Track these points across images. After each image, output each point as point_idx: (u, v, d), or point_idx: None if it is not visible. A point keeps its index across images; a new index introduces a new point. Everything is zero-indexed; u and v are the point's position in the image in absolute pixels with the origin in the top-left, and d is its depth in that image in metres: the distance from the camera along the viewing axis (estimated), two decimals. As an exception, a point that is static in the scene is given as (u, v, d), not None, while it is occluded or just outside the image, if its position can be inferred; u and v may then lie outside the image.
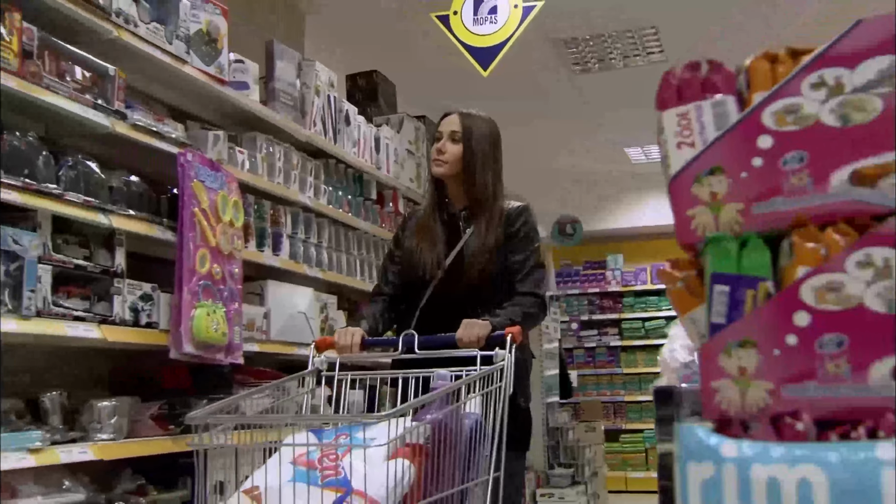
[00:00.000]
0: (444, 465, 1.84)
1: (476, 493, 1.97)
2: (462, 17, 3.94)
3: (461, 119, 2.75)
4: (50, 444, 2.34)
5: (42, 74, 2.39)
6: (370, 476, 1.71)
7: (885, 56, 0.89)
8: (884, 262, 0.84)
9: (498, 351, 2.11)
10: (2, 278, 2.28)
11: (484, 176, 2.70)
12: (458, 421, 1.92)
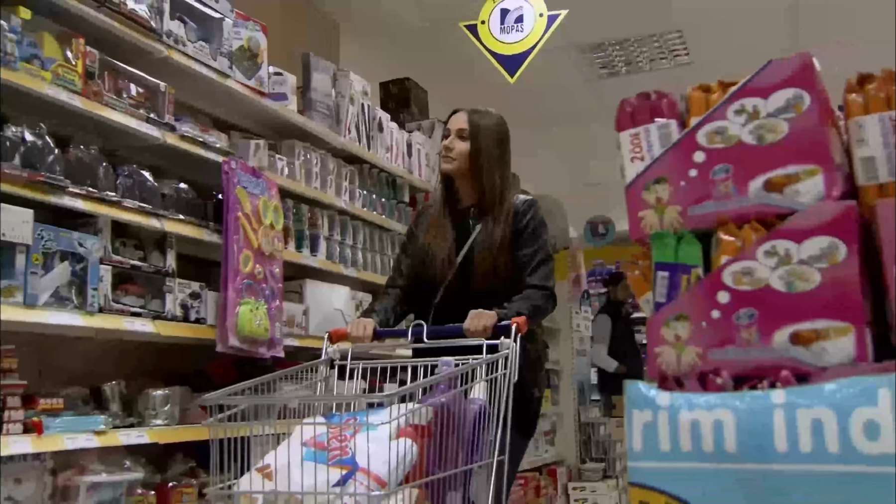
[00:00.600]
0: (447, 446, 1.96)
1: (480, 474, 2.08)
2: (490, 26, 4.21)
3: (469, 116, 2.82)
4: (112, 428, 2.64)
5: (102, 93, 2.70)
6: (375, 454, 1.82)
7: (789, 89, 1.14)
8: (785, 252, 1.08)
9: (503, 340, 2.20)
10: (70, 278, 2.58)
11: (492, 173, 2.77)
12: (462, 405, 2.04)
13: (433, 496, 1.94)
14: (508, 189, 2.82)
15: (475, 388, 2.12)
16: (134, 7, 2.82)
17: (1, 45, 2.32)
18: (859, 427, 0.96)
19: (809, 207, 1.09)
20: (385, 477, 1.82)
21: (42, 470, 2.52)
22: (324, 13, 4.85)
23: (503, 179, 2.80)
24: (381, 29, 5.12)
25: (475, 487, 2.05)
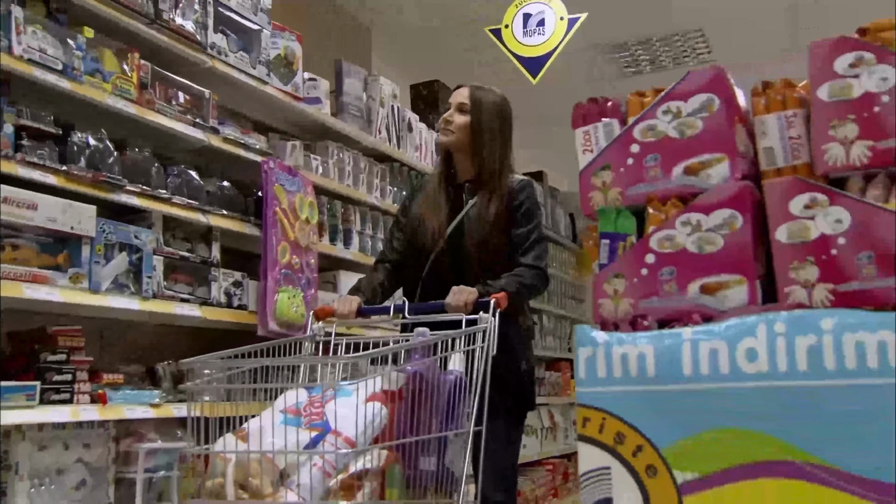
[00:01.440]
0: (420, 412, 2.05)
1: (456, 442, 2.15)
2: (513, 29, 4.57)
3: (471, 91, 2.89)
4: (165, 402, 3.04)
5: (154, 101, 3.12)
6: (347, 417, 1.92)
7: (704, 94, 1.47)
8: (697, 222, 1.41)
9: (482, 314, 2.26)
10: (127, 267, 2.99)
11: (491, 148, 2.82)
12: (437, 374, 2.12)
13: (406, 459, 2.04)
14: (507, 168, 2.86)
15: (453, 360, 2.19)
16: (182, 23, 3.23)
17: (69, 61, 2.73)
18: (743, 353, 1.29)
19: (715, 187, 1.43)
20: (354, 438, 1.92)
21: (107, 437, 2.92)
22: (355, 20, 5.26)
23: (502, 157, 2.84)
24: (411, 33, 5.51)
25: (451, 455, 2.14)
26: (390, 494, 1.96)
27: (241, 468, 1.98)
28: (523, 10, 4.54)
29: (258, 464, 1.95)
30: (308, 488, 1.87)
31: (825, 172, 1.37)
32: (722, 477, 1.29)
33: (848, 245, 1.31)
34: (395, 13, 5.27)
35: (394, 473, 1.98)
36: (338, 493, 1.90)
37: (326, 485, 1.91)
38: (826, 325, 1.26)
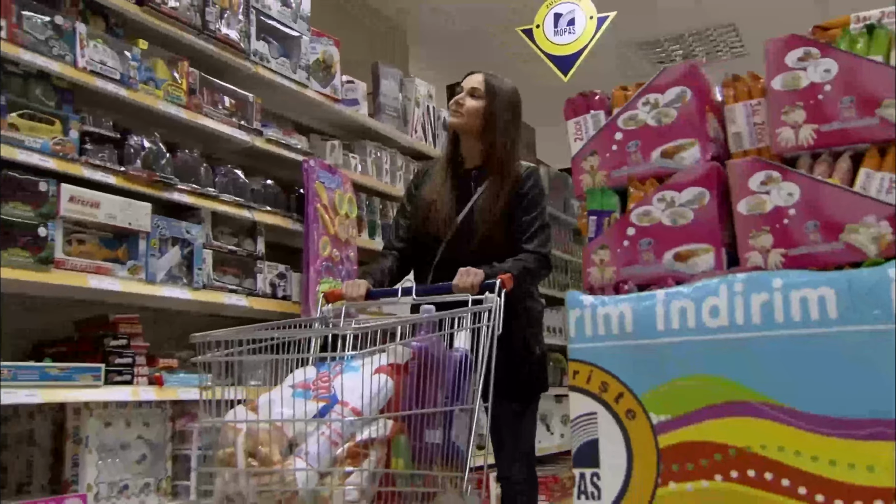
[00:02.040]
0: (426, 386, 2.11)
1: (461, 418, 2.22)
2: (544, 29, 4.82)
3: (485, 78, 2.99)
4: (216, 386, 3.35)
5: (202, 105, 3.44)
6: (354, 389, 2.00)
7: (678, 87, 1.70)
8: (671, 199, 1.65)
9: (487, 294, 2.32)
10: (180, 260, 3.30)
11: (502, 136, 2.90)
12: (442, 350, 2.20)
13: (411, 431, 2.11)
14: (515, 156, 2.94)
15: (459, 338, 2.27)
16: (227, 32, 3.55)
17: (126, 71, 3.06)
18: (707, 310, 1.52)
19: (687, 168, 1.67)
20: (361, 408, 2.00)
21: (164, 416, 3.24)
22: (392, 24, 5.57)
23: (511, 146, 2.93)
24: (447, 35, 5.80)
25: (456, 430, 2.21)
26: (396, 464, 2.06)
27: (251, 438, 2.05)
28: (554, 10, 4.79)
29: (267, 433, 2.02)
30: (315, 456, 1.95)
31: (779, 153, 1.60)
32: (690, 417, 1.53)
33: (797, 215, 1.54)
34: (431, 16, 5.56)
35: (400, 443, 2.07)
36: (344, 461, 1.97)
37: (333, 453, 1.99)
38: (776, 284, 1.49)
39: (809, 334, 1.45)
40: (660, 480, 1.54)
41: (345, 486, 1.97)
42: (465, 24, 5.75)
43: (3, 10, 2.66)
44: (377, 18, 5.47)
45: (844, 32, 1.61)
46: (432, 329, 2.18)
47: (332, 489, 1.98)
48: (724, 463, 1.49)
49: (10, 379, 2.68)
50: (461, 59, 6.01)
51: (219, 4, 3.52)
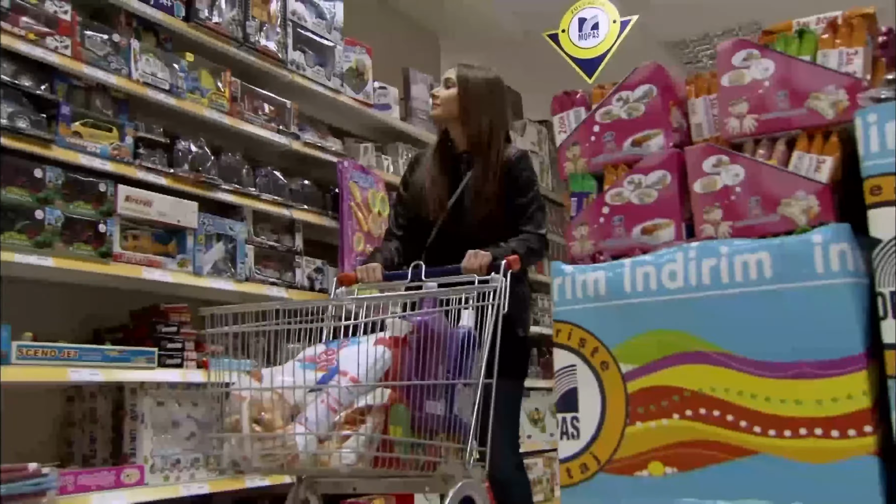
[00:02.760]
0: (427, 359, 2.21)
1: (464, 392, 2.33)
2: (569, 34, 5.15)
3: (458, 68, 3.21)
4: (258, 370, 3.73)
5: (244, 112, 3.84)
6: (352, 359, 2.12)
7: (646, 84, 2.03)
8: (638, 181, 1.96)
9: (493, 275, 2.41)
10: (224, 254, 3.69)
11: (479, 118, 3.08)
12: (444, 326, 2.31)
13: (412, 401, 2.22)
14: (499, 135, 3.10)
15: (464, 316, 2.38)
16: (266, 44, 3.95)
17: (174, 81, 3.47)
18: (666, 274, 1.84)
19: (652, 154, 1.99)
20: (359, 377, 2.12)
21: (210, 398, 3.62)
22: (424, 30, 5.95)
23: (493, 125, 3.09)
24: (477, 40, 6.17)
25: (459, 404, 2.32)
26: (394, 431, 2.16)
27: (256, 405, 2.19)
28: (578, 15, 5.12)
29: (270, 401, 2.16)
30: (315, 422, 2.08)
31: (727, 139, 1.92)
32: (653, 366, 1.85)
33: (742, 192, 1.85)
34: (463, 22, 5.93)
35: (398, 412, 2.18)
36: (342, 426, 2.09)
37: (332, 419, 2.10)
38: (723, 250, 1.81)
39: (749, 292, 1.76)
40: (628, 420, 1.87)
41: (342, 449, 2.07)
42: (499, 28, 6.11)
43: (68, 30, 3.08)
44: (409, 25, 5.87)
45: (781, 36, 1.92)
46: (434, 306, 2.34)
47: (331, 452, 2.08)
48: (680, 403, 1.81)
49: (75, 359, 3.08)
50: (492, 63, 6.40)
51: (258, 18, 3.92)
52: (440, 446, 2.32)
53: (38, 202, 2.99)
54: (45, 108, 3.06)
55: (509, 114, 3.33)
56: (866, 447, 1.62)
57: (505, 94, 3.24)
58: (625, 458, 1.85)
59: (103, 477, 3.17)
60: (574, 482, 1.90)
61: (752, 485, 1.72)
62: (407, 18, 5.90)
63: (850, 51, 1.81)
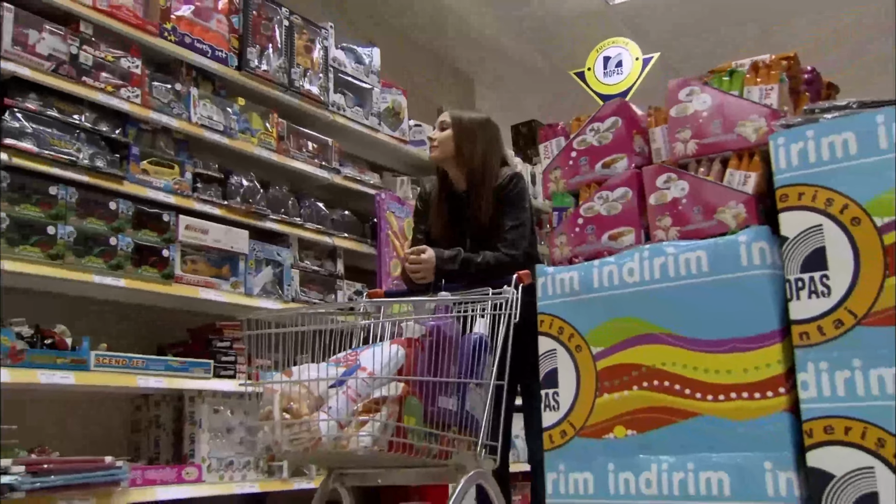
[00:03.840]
0: (439, 359, 2.54)
1: (477, 391, 2.67)
2: (595, 71, 5.68)
3: (450, 113, 3.59)
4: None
5: (289, 149, 4.44)
6: (370, 356, 2.48)
7: (613, 116, 2.54)
8: (606, 196, 2.47)
9: (506, 287, 2.72)
10: (272, 278, 4.27)
11: (473, 154, 3.46)
12: (456, 330, 2.65)
13: (425, 396, 2.54)
14: (492, 166, 3.47)
15: (479, 324, 2.73)
16: (309, 88, 4.56)
17: (227, 123, 4.09)
18: (626, 270, 2.34)
19: (618, 174, 2.49)
20: (374, 370, 2.47)
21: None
22: (458, 72, 6.56)
23: (486, 158, 3.46)
24: (509, 79, 6.76)
25: (471, 402, 2.66)
26: (408, 420, 2.48)
27: (285, 397, 2.56)
28: (603, 54, 5.65)
29: (298, 393, 2.53)
30: (336, 410, 2.45)
31: (675, 160, 2.42)
32: (617, 347, 2.34)
33: (687, 203, 2.35)
34: (495, 62, 6.53)
35: (411, 403, 2.50)
36: (360, 414, 2.43)
37: (352, 408, 2.45)
38: (670, 250, 2.30)
39: (691, 283, 2.25)
40: (598, 393, 2.36)
41: (359, 434, 2.42)
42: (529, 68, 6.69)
43: (138, 81, 3.72)
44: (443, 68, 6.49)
45: (716, 76, 2.42)
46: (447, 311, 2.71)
47: (349, 436, 2.43)
48: (639, 377, 2.30)
49: (143, 368, 3.68)
50: (526, 101, 6.96)
51: (302, 65, 4.54)
52: (452, 438, 2.66)
53: (112, 230, 3.62)
54: (118, 150, 3.70)
55: (501, 145, 3.70)
56: (780, 405, 2.10)
57: (495, 129, 3.65)
58: (595, 424, 2.35)
59: (167, 473, 3.75)
60: (555, 446, 2.39)
61: (694, 441, 2.20)
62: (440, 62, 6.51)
63: (768, 87, 2.31)
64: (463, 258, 3.33)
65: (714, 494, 2.14)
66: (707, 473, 2.16)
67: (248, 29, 4.30)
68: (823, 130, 2.10)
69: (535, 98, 6.96)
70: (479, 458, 2.72)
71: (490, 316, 2.78)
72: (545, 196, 2.66)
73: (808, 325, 2.06)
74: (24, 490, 3.12)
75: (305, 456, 2.71)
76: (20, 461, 3.17)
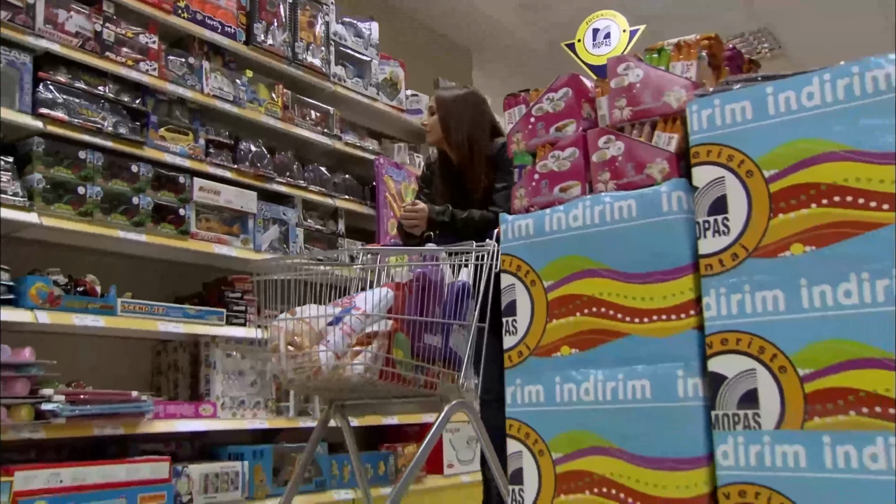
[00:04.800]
0: (424, 302, 3.07)
1: (460, 332, 3.20)
2: (584, 43, 6.25)
3: (436, 94, 4.12)
4: (307, 330, 4.91)
5: (294, 118, 5.04)
6: (363, 298, 2.99)
7: (565, 87, 3.11)
8: (558, 155, 3.05)
9: (487, 241, 3.34)
10: (279, 235, 4.88)
11: (459, 133, 3.99)
12: (441, 276, 3.21)
13: (412, 333, 3.05)
14: (479, 140, 4.01)
15: (463, 273, 3.30)
16: (312, 61, 5.16)
17: (237, 94, 4.68)
18: (571, 217, 2.93)
19: (567, 136, 3.07)
20: (365, 308, 2.98)
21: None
22: (455, 44, 7.15)
23: (472, 135, 4.01)
24: (505, 51, 7.34)
25: (454, 341, 3.18)
26: (396, 353, 2.99)
27: (290, 333, 3.05)
28: (593, 26, 6.23)
29: (301, 329, 3.02)
30: (334, 343, 2.94)
31: (613, 124, 3.00)
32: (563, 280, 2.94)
33: (623, 160, 2.92)
34: (492, 37, 7.10)
35: (399, 338, 3.00)
36: (354, 346, 2.93)
37: (347, 342, 2.93)
38: (607, 199, 2.88)
39: (623, 226, 2.83)
40: (548, 319, 2.95)
41: (353, 363, 2.91)
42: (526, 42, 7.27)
43: (155, 56, 4.32)
44: (441, 40, 7.06)
45: (647, 53, 2.99)
46: (432, 260, 3.28)
47: (345, 365, 2.92)
48: (581, 305, 2.89)
49: (163, 314, 4.30)
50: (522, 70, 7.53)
51: (305, 40, 5.13)
52: (437, 372, 3.17)
53: (134, 191, 4.24)
54: (138, 118, 4.31)
55: (488, 115, 4.19)
56: (690, 324, 2.68)
57: (479, 101, 4.16)
58: (545, 345, 2.94)
59: (186, 408, 4.38)
60: (513, 364, 2.99)
61: (624, 356, 2.79)
62: (438, 36, 7.10)
63: (688, 63, 2.89)
64: (451, 211, 3.94)
65: (638, 398, 2.73)
66: (633, 381, 2.75)
67: (254, 6, 4.90)
68: (727, 99, 2.67)
69: (530, 68, 7.56)
70: (462, 390, 3.28)
71: (473, 266, 3.35)
72: (509, 155, 3.24)
73: (712, 259, 2.64)
74: (65, 416, 3.77)
75: (307, 384, 3.16)
76: (61, 392, 3.82)
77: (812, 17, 6.82)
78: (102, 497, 3.85)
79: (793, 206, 2.48)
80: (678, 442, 2.61)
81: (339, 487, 4.89)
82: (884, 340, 2.27)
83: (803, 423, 2.37)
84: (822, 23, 6.83)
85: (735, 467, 2.47)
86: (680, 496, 2.57)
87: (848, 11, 6.77)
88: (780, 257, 2.49)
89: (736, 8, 6.78)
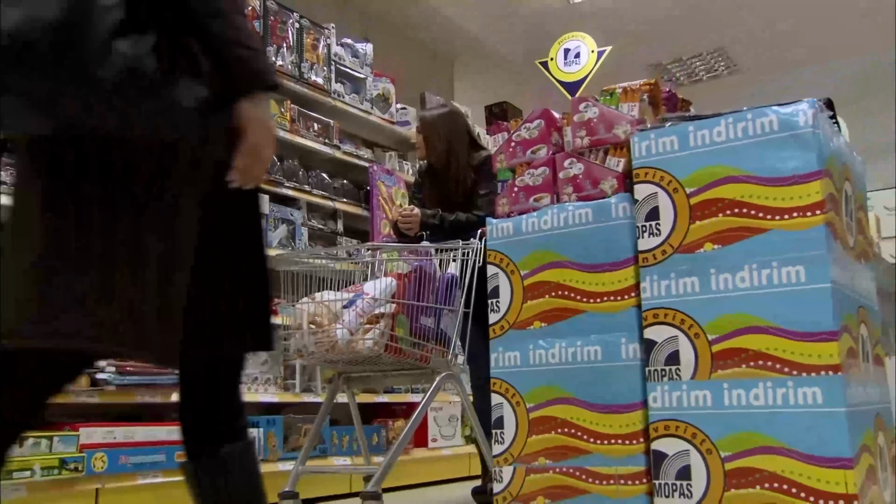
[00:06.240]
0: (420, 290, 3.91)
1: (448, 315, 4.02)
2: (557, 61, 7.40)
3: (420, 116, 5.22)
4: (311, 316, 6.01)
5: (299, 129, 6.13)
6: (371, 286, 3.84)
7: (538, 119, 4.21)
8: (532, 172, 4.15)
9: (472, 240, 4.26)
10: (286, 233, 5.97)
11: (437, 147, 5.00)
12: (434, 270, 4.04)
13: (410, 315, 3.88)
14: (457, 153, 5.03)
15: (451, 267, 4.14)
16: (315, 79, 6.27)
17: (254, 110, 5.78)
18: (542, 221, 4.03)
19: (540, 158, 4.19)
20: (373, 294, 3.79)
21: (279, 336, 5.88)
22: (438, 57, 8.29)
23: (449, 148, 5.02)
24: (484, 65, 8.50)
25: (444, 323, 4.04)
26: (398, 331, 3.82)
27: (311, 314, 3.90)
28: (564, 46, 7.37)
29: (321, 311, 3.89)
30: (348, 322, 3.75)
31: (576, 150, 4.11)
32: (536, 270, 4.06)
33: (582, 178, 4.04)
34: (473, 49, 8.24)
35: (401, 319, 3.85)
36: (365, 325, 3.73)
37: (359, 321, 3.73)
38: (570, 208, 3.99)
39: (582, 228, 3.95)
40: (524, 301, 4.06)
41: (365, 338, 3.74)
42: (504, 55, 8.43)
43: (190, 80, 5.42)
44: (427, 54, 8.20)
45: (603, 95, 4.11)
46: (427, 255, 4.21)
47: (357, 340, 3.75)
48: (549, 289, 4.00)
49: (191, 300, 5.36)
50: (501, 82, 8.69)
51: (309, 60, 6.23)
52: (431, 348, 4.07)
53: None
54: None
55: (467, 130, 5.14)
56: (632, 303, 3.80)
57: (458, 119, 5.15)
58: (522, 320, 4.05)
59: (209, 381, 5.43)
60: (497, 336, 4.10)
61: (582, 328, 3.90)
62: (425, 50, 8.23)
63: (633, 104, 4.03)
64: (441, 215, 4.97)
65: (592, 360, 3.84)
66: (588, 347, 3.86)
67: (266, 31, 5.97)
68: (660, 133, 3.80)
69: (507, 83, 8.75)
70: (450, 364, 4.19)
71: (460, 261, 4.25)
72: (493, 170, 4.36)
73: (648, 254, 3.77)
74: (115, 385, 4.84)
75: (326, 356, 3.99)
76: (112, 363, 4.87)
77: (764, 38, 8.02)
78: (147, 452, 4.91)
79: (706, 215, 3.61)
80: (621, 392, 3.70)
81: (338, 455, 5.99)
82: (768, 313, 3.38)
83: (710, 374, 3.46)
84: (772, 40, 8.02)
85: (662, 408, 3.47)
86: (623, 432, 3.60)
87: (795, 32, 7.96)
88: (697, 253, 3.60)
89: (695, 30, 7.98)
